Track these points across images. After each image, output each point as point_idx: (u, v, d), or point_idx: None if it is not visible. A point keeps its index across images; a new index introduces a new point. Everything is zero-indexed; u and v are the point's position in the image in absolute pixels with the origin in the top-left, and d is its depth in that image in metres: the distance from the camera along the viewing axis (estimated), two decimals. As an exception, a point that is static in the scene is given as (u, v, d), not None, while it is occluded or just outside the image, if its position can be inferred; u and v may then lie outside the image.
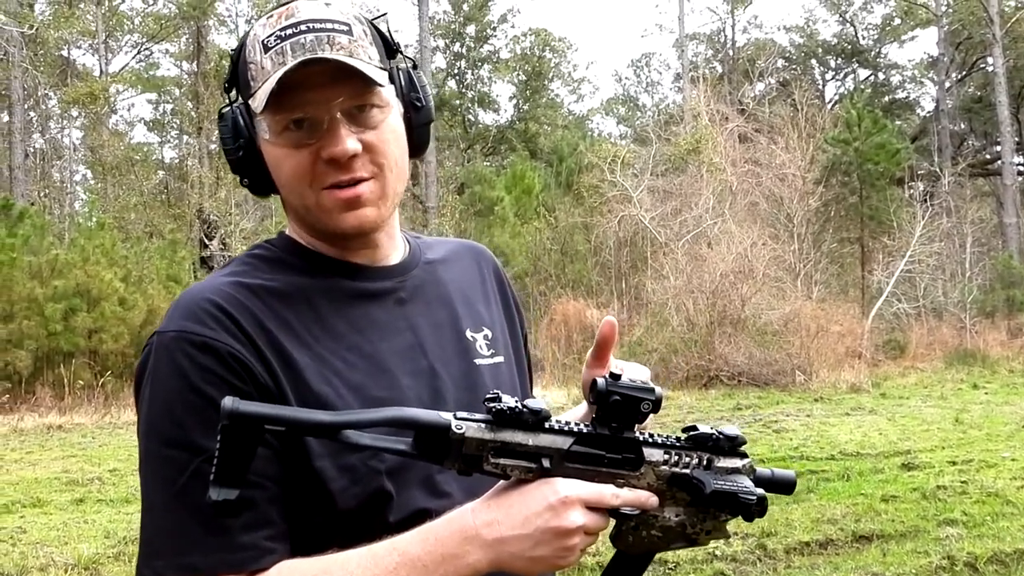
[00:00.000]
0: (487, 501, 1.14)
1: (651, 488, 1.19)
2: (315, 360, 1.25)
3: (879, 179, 25.63)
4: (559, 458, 1.13)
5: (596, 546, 6.35)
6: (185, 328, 1.20)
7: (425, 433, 1.10)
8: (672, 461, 1.20)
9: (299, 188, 1.29)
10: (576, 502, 1.11)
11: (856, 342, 20.33)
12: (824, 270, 23.98)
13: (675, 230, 22.07)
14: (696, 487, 1.19)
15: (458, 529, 1.12)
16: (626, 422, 1.17)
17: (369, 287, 1.35)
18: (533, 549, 1.10)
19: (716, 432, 1.22)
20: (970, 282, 24.99)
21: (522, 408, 1.11)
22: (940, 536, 6.54)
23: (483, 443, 1.10)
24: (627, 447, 1.17)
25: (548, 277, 23.75)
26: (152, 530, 1.16)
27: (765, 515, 1.22)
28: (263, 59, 1.25)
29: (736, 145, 24.47)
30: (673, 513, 1.21)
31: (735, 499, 1.19)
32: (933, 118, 39.67)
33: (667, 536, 1.21)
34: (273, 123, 1.26)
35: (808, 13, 52.30)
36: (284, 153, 1.27)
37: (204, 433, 1.14)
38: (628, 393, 1.15)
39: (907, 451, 10.05)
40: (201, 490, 1.08)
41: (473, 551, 1.10)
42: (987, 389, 16.72)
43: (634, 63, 52.75)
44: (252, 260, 1.33)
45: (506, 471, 1.11)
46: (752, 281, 19.18)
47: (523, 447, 1.11)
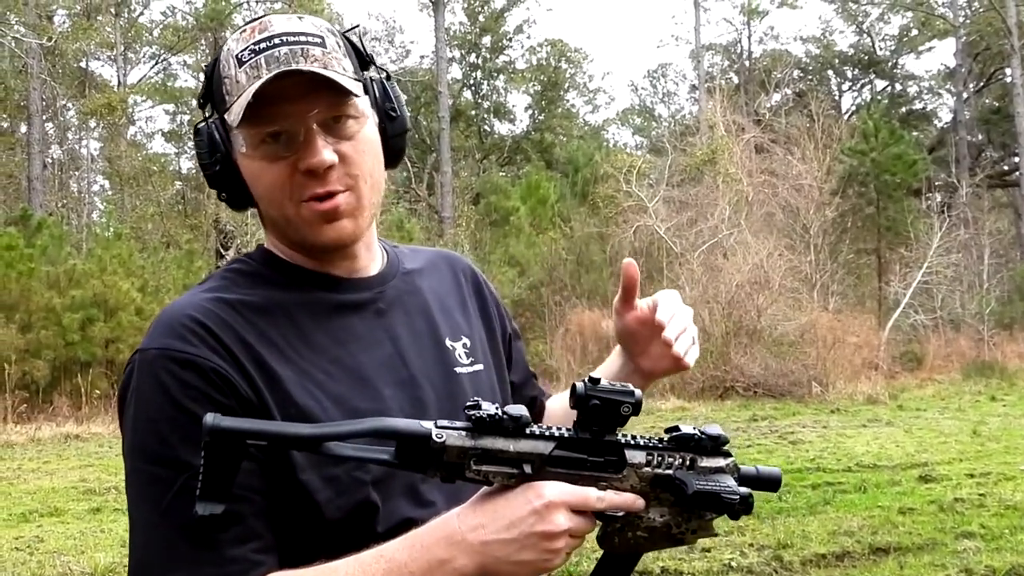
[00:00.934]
0: (471, 507, 1.14)
1: (635, 490, 1.19)
2: (297, 373, 1.25)
3: (896, 190, 25.55)
4: (540, 463, 1.13)
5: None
6: (167, 345, 1.21)
7: (406, 443, 1.10)
8: (655, 463, 1.20)
9: (277, 201, 1.29)
10: (560, 505, 1.12)
11: (873, 353, 20.24)
12: (841, 281, 23.90)
13: (691, 240, 22.03)
14: (678, 488, 1.19)
15: (444, 535, 1.12)
16: (607, 425, 1.16)
17: (348, 299, 1.36)
18: (519, 553, 1.10)
19: (698, 432, 1.23)
20: (988, 293, 24.87)
21: (502, 415, 1.11)
22: (958, 549, 6.49)
23: (464, 451, 1.10)
24: (609, 450, 1.17)
25: (563, 287, 23.71)
26: (141, 547, 1.16)
27: (751, 512, 1.23)
28: (238, 73, 1.26)
29: (752, 156, 24.42)
30: (658, 514, 1.21)
31: (718, 499, 1.19)
32: (951, 129, 39.49)
33: (653, 537, 1.21)
34: (249, 136, 1.27)
35: (825, 24, 52.27)
36: (261, 167, 1.28)
37: (189, 450, 1.14)
38: (608, 397, 1.14)
39: (924, 463, 9.99)
40: (188, 506, 1.09)
41: (459, 556, 1.11)
42: (1005, 401, 16.61)
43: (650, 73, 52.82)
44: (230, 275, 1.34)
45: (488, 477, 1.12)
46: (768, 292, 19.13)
47: (504, 453, 1.11)
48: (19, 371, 15.48)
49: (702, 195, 23.47)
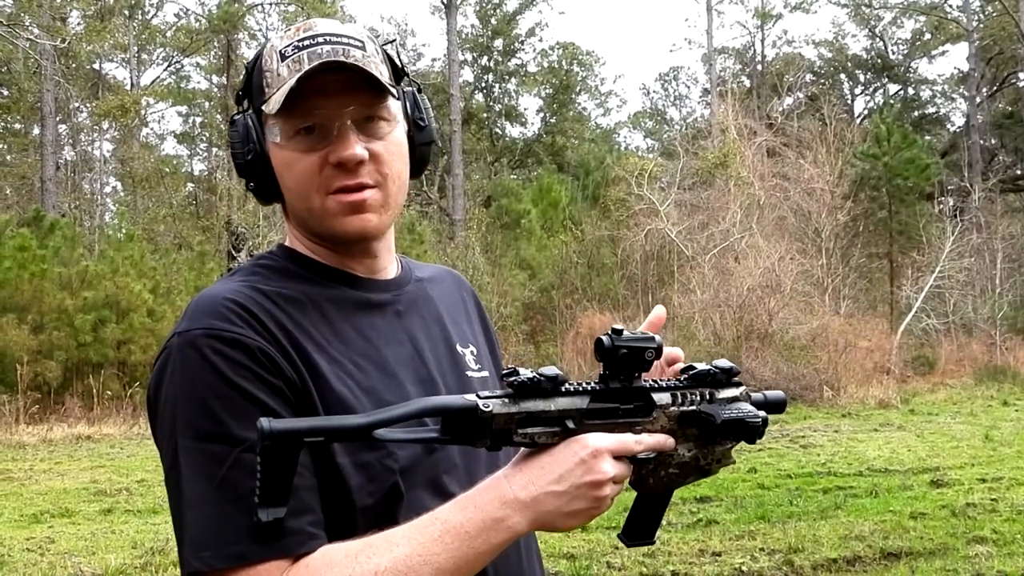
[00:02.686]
0: (517, 467, 1.19)
1: (664, 430, 1.26)
2: (330, 363, 1.28)
3: (908, 194, 25.49)
4: (580, 417, 1.20)
5: (621, 560, 6.29)
6: (211, 326, 1.22)
7: (455, 417, 1.15)
8: (679, 401, 1.27)
9: (306, 191, 1.33)
10: (604, 453, 1.18)
11: (884, 358, 20.18)
12: (852, 285, 23.84)
13: (702, 244, 22.00)
14: (707, 420, 1.26)
15: (496, 495, 1.17)
16: (634, 372, 1.24)
17: (371, 298, 1.39)
18: (570, 504, 1.16)
19: (712, 367, 1.31)
20: (1000, 298, 24.77)
21: (539, 377, 1.17)
22: (969, 554, 6.46)
23: (510, 416, 1.15)
24: (637, 396, 1.25)
25: (574, 290, 23.72)
26: (196, 523, 1.16)
27: (763, 437, 1.30)
28: (279, 67, 1.30)
29: (764, 159, 24.39)
30: (686, 449, 1.28)
31: (744, 424, 1.26)
32: (963, 133, 39.37)
33: (683, 472, 1.30)
34: (285, 127, 1.31)
35: (837, 28, 52.06)
36: (293, 157, 1.31)
37: (241, 425, 1.17)
38: (633, 345, 1.22)
39: (936, 468, 9.95)
40: (243, 479, 1.13)
41: (513, 514, 1.16)
42: (1017, 406, 16.53)
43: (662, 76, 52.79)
44: (260, 269, 1.36)
45: (534, 439, 1.17)
46: (779, 296, 19.08)
47: (546, 413, 1.17)
48: (31, 372, 15.54)
49: (713, 198, 23.46)
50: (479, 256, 23.62)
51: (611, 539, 7.07)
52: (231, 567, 1.13)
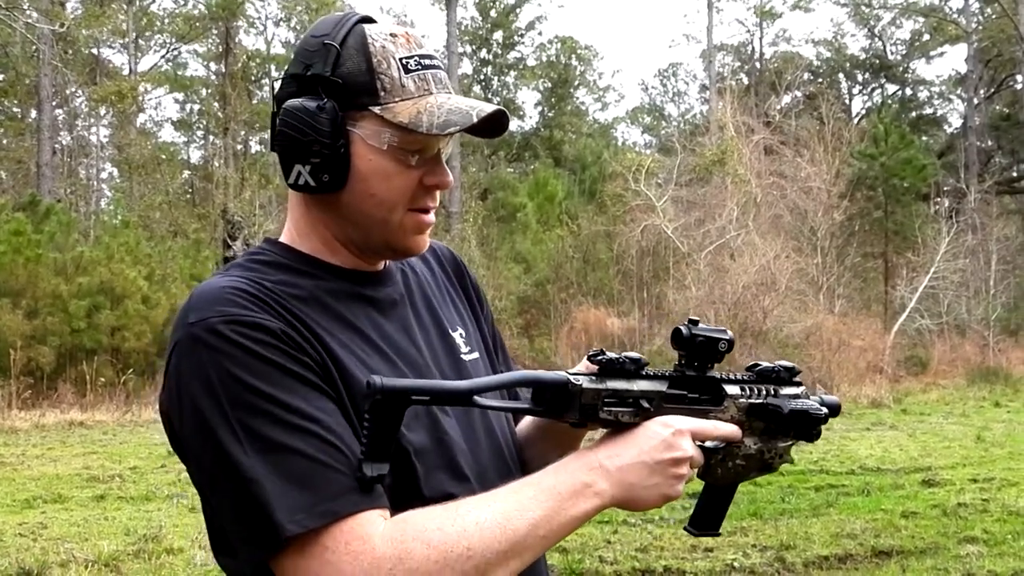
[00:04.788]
0: (606, 441, 1.27)
1: (733, 420, 1.33)
2: (342, 347, 1.29)
3: (905, 194, 25.54)
4: (659, 400, 1.27)
5: (614, 555, 6.30)
6: (227, 312, 1.21)
7: (547, 390, 1.22)
8: (747, 394, 1.35)
9: (394, 204, 1.34)
10: (686, 432, 1.26)
11: (878, 357, 20.23)
12: (847, 284, 23.87)
13: (698, 241, 22.01)
14: (774, 412, 1.34)
15: (585, 463, 1.23)
16: (708, 361, 1.32)
17: (367, 292, 1.40)
18: (650, 478, 1.24)
19: (777, 365, 1.39)
20: (994, 300, 24.82)
21: (625, 358, 1.24)
22: (960, 554, 6.48)
23: (597, 393, 1.22)
24: (710, 385, 1.33)
25: (569, 285, 23.72)
26: (276, 494, 1.14)
27: (820, 437, 1.38)
28: (402, 76, 1.32)
29: (761, 157, 24.39)
30: (752, 442, 1.35)
31: (808, 416, 1.34)
32: (960, 135, 39.42)
33: (749, 464, 1.37)
34: (403, 139, 1.31)
35: (836, 27, 52.00)
36: (394, 169, 1.33)
37: (289, 395, 1.18)
38: (708, 335, 1.30)
39: (928, 467, 9.99)
40: (310, 444, 1.16)
41: (599, 480, 1.22)
42: (1009, 407, 16.59)
43: (660, 72, 52.74)
44: (254, 264, 1.35)
45: (618, 417, 1.24)
46: (774, 293, 19.12)
47: (629, 393, 1.24)
48: (24, 357, 15.52)
49: (710, 195, 23.46)
50: (475, 249, 23.61)
51: (603, 533, 7.09)
52: (326, 523, 1.14)
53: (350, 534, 1.15)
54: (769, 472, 1.40)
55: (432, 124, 1.30)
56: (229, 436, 1.17)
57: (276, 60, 35.71)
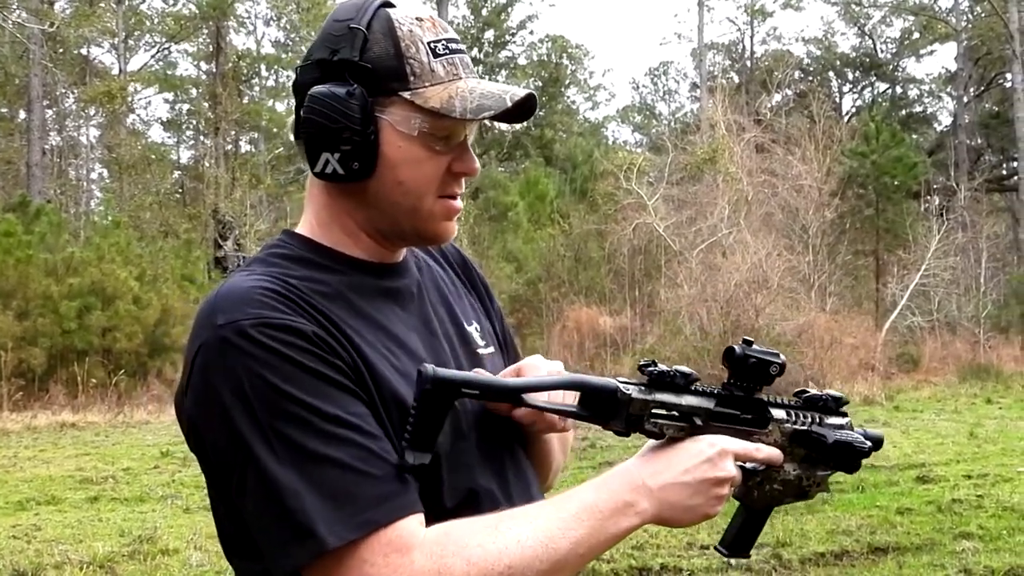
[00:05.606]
0: (647, 457, 1.26)
1: (776, 444, 1.33)
2: (370, 347, 1.26)
3: (895, 192, 25.59)
4: (706, 417, 1.27)
5: (610, 553, 6.31)
6: (261, 315, 1.18)
7: (595, 395, 1.22)
8: (793, 419, 1.35)
9: (424, 191, 1.32)
10: (730, 454, 1.26)
11: (870, 355, 20.27)
12: (838, 282, 23.90)
13: (690, 239, 22.01)
14: (818, 440, 1.34)
15: (627, 480, 1.23)
16: (757, 383, 1.31)
17: (389, 285, 1.37)
18: (691, 498, 1.23)
19: (825, 393, 1.39)
20: (984, 297, 24.89)
21: (676, 372, 1.25)
22: (956, 550, 6.49)
23: (645, 403, 1.22)
24: (756, 407, 1.32)
25: (561, 284, 23.71)
26: (313, 504, 1.13)
27: (859, 470, 1.39)
28: (431, 61, 1.29)
29: (752, 155, 24.40)
30: (792, 468, 1.35)
31: (852, 448, 1.34)
32: (950, 133, 39.52)
33: (786, 489, 1.37)
34: (434, 125, 1.29)
35: (827, 25, 52.07)
36: (424, 155, 1.30)
37: (326, 402, 1.16)
38: (762, 357, 1.29)
39: (922, 464, 10.00)
40: (347, 452, 1.14)
41: (641, 500, 1.21)
42: (1001, 404, 16.63)
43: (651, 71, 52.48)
44: (277, 259, 1.31)
45: (663, 430, 1.24)
46: (766, 291, 19.12)
47: (678, 407, 1.25)
48: (15, 358, 15.47)
49: (702, 194, 23.45)
50: (467, 248, 23.55)
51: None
52: (365, 534, 1.13)
53: (389, 546, 1.13)
54: (804, 499, 1.40)
55: (466, 109, 1.28)
56: (263, 445, 1.14)
57: (267, 60, 35.67)
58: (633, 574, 6.16)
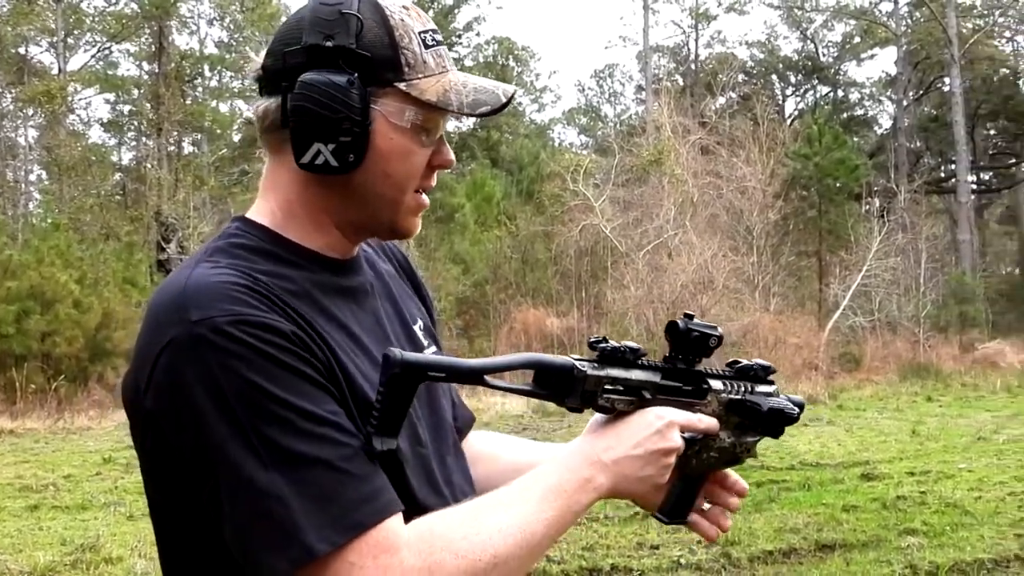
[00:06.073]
0: (597, 432, 1.29)
1: (713, 414, 1.38)
2: (339, 348, 1.24)
3: (838, 194, 25.95)
4: (654, 390, 1.31)
5: (561, 555, 6.29)
6: (236, 311, 1.13)
7: (551, 374, 1.24)
8: (728, 389, 1.40)
9: (407, 183, 1.31)
10: (676, 425, 1.30)
11: (813, 354, 20.52)
12: (782, 283, 24.19)
13: (636, 240, 22.16)
14: (753, 408, 1.40)
15: (584, 457, 1.26)
16: (697, 355, 1.36)
17: (347, 283, 1.35)
18: (643, 469, 1.27)
19: (755, 363, 1.44)
20: (924, 297, 25.32)
21: (625, 347, 1.27)
22: (902, 545, 6.58)
23: (599, 380, 1.25)
24: (696, 379, 1.37)
25: (508, 285, 23.75)
26: (298, 509, 1.09)
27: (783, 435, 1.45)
28: (423, 52, 1.28)
29: (697, 157, 24.63)
30: (727, 435, 1.40)
31: (783, 414, 1.40)
32: (890, 135, 40.22)
33: (721, 456, 1.41)
34: (425, 119, 1.28)
35: (770, 29, 52.89)
36: (411, 147, 1.29)
37: (305, 399, 1.13)
38: (702, 331, 1.34)
39: (866, 462, 10.14)
40: (327, 452, 1.12)
41: (598, 474, 1.24)
42: (941, 402, 16.93)
43: (597, 73, 52.78)
44: (240, 251, 1.26)
45: (614, 405, 1.28)
46: (712, 292, 19.32)
47: (628, 382, 1.28)
48: (-48, 363, 15.12)
49: (648, 195, 23.63)
50: (413, 250, 23.51)
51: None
52: (351, 537, 1.10)
53: (377, 547, 1.11)
54: (736, 465, 1.45)
55: (462, 103, 1.28)
56: (244, 448, 1.10)
57: (210, 60, 35.26)
58: (584, 575, 6.15)
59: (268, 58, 1.29)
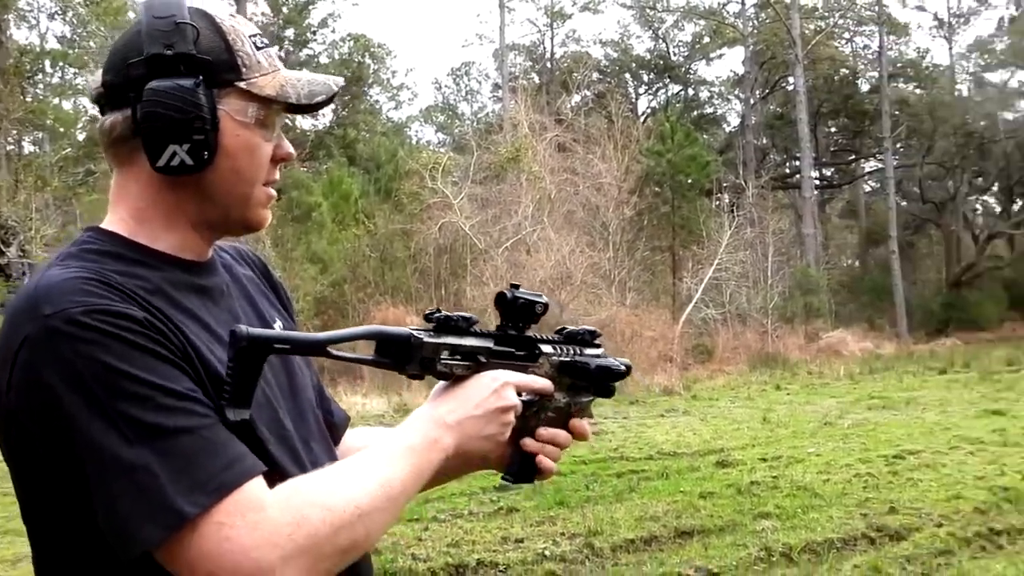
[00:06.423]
0: (440, 397, 1.38)
1: (547, 376, 1.47)
2: (195, 336, 1.26)
3: (690, 190, 26.63)
4: (488, 355, 1.40)
5: (427, 552, 6.26)
6: (88, 302, 1.16)
7: (390, 343, 1.31)
8: (559, 352, 1.50)
9: (256, 177, 1.37)
10: (512, 384, 1.40)
11: (668, 347, 21.01)
12: (637, 277, 24.67)
13: (495, 237, 22.26)
14: (582, 368, 1.50)
15: (431, 420, 1.34)
16: (526, 322, 1.46)
17: (202, 282, 1.37)
18: (485, 428, 1.36)
19: (582, 328, 1.55)
20: (771, 289, 26.20)
21: (458, 316, 1.36)
22: (756, 529, 6.81)
23: (437, 347, 1.33)
24: (527, 344, 1.47)
25: (367, 284, 23.55)
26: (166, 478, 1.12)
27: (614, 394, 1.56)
28: (256, 53, 1.35)
29: (554, 154, 24.90)
30: (561, 396, 1.49)
31: (611, 370, 1.51)
32: (739, 133, 41.51)
33: (558, 416, 1.50)
34: (264, 114, 1.35)
35: (623, 29, 53.81)
36: (256, 143, 1.35)
37: (164, 377, 1.17)
38: (528, 298, 1.44)
39: (720, 449, 10.45)
40: (190, 421, 1.15)
41: (444, 435, 1.33)
42: (789, 390, 17.58)
43: (454, 71, 52.75)
44: (91, 255, 1.27)
45: (452, 370, 1.36)
46: (570, 287, 19.57)
47: (463, 348, 1.37)
48: None
49: (506, 192, 23.76)
50: (270, 249, 23.06)
51: (414, 531, 7.06)
52: (218, 499, 1.13)
53: (244, 506, 1.14)
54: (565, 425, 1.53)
55: (300, 95, 1.36)
56: (107, 429, 1.12)
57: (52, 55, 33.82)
58: (450, 571, 6.15)
59: (108, 75, 1.32)
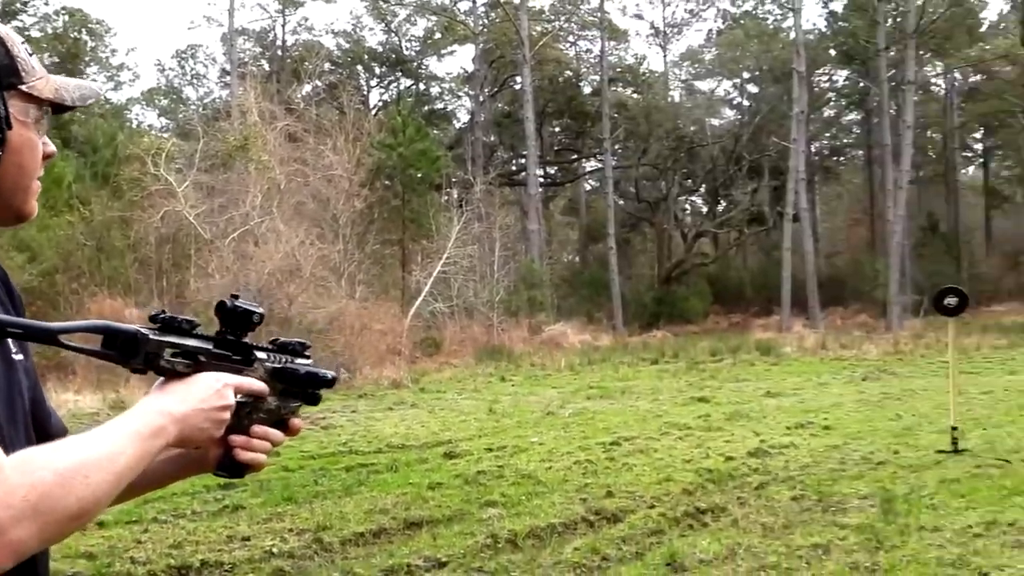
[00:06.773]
0: (166, 389, 1.45)
1: (262, 379, 1.57)
2: None
3: (420, 184, 26.93)
4: (208, 356, 1.48)
5: (147, 555, 6.02)
6: None
7: (116, 337, 1.38)
8: (272, 359, 1.60)
9: (35, 172, 1.47)
10: (232, 386, 1.49)
11: (396, 340, 21.16)
12: (367, 271, 24.68)
13: (221, 227, 21.62)
14: (292, 373, 1.61)
15: (157, 409, 1.40)
16: (243, 330, 1.54)
17: None
18: (204, 422, 1.45)
19: (294, 340, 1.66)
20: (498, 283, 26.92)
21: (182, 319, 1.45)
22: (483, 517, 7.01)
23: (161, 344, 1.41)
24: (244, 349, 1.55)
25: (81, 274, 22.31)
26: None
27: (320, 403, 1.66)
28: (30, 60, 1.46)
29: (284, 144, 24.45)
30: (273, 400, 1.60)
31: (318, 376, 1.63)
32: (468, 129, 42.29)
33: (270, 418, 1.60)
34: (39, 115, 1.45)
35: (356, 20, 53.37)
36: (35, 140, 1.46)
37: None
38: (246, 308, 1.53)
39: (448, 441, 10.67)
40: None
41: (169, 424, 1.40)
42: (513, 381, 18.16)
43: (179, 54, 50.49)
44: None
45: (175, 367, 1.44)
46: (299, 280, 19.31)
47: (186, 347, 1.45)
48: None
49: (233, 181, 23.10)
50: (-30, 235, 21.39)
51: (133, 533, 6.78)
52: None
53: None
54: (282, 428, 1.65)
55: (74, 98, 1.49)
56: None
57: None
58: (172, 574, 5.95)
59: None
